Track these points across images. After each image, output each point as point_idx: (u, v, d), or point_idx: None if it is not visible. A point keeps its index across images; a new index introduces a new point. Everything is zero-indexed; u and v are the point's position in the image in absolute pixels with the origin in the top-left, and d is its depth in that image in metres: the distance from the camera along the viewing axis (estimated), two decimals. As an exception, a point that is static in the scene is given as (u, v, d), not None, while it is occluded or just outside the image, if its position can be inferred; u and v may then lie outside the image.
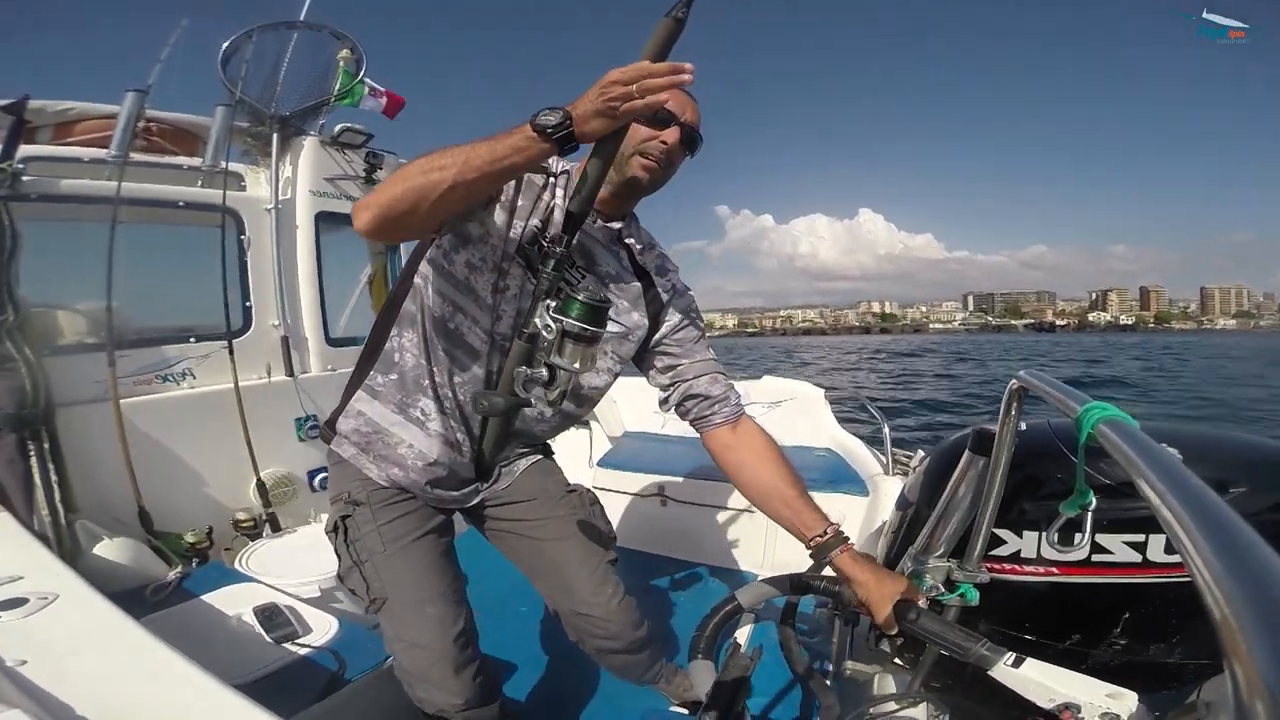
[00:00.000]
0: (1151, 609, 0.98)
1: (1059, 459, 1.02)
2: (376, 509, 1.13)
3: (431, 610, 1.10)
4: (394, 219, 0.90)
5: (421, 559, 1.14)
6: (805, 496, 1.18)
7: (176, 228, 2.47)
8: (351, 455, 1.16)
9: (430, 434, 1.12)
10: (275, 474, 2.38)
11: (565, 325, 0.88)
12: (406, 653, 1.10)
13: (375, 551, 1.12)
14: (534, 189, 1.08)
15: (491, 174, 0.87)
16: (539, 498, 1.28)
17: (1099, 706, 0.82)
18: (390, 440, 1.13)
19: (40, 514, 1.68)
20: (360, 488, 1.15)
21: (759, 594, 1.56)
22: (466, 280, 1.07)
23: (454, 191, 0.86)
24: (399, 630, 1.11)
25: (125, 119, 2.11)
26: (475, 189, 0.89)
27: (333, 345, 2.77)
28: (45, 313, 2.09)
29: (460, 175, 0.85)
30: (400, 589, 1.11)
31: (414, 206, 0.88)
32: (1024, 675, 0.88)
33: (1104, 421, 0.59)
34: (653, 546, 2.53)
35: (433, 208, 0.88)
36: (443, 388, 1.11)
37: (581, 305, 0.89)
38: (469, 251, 1.06)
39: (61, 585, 0.97)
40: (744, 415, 1.27)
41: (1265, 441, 1.11)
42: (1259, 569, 0.32)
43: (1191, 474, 0.43)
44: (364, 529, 1.13)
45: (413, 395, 1.11)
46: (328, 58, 2.63)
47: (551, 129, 0.82)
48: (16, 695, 0.67)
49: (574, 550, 1.28)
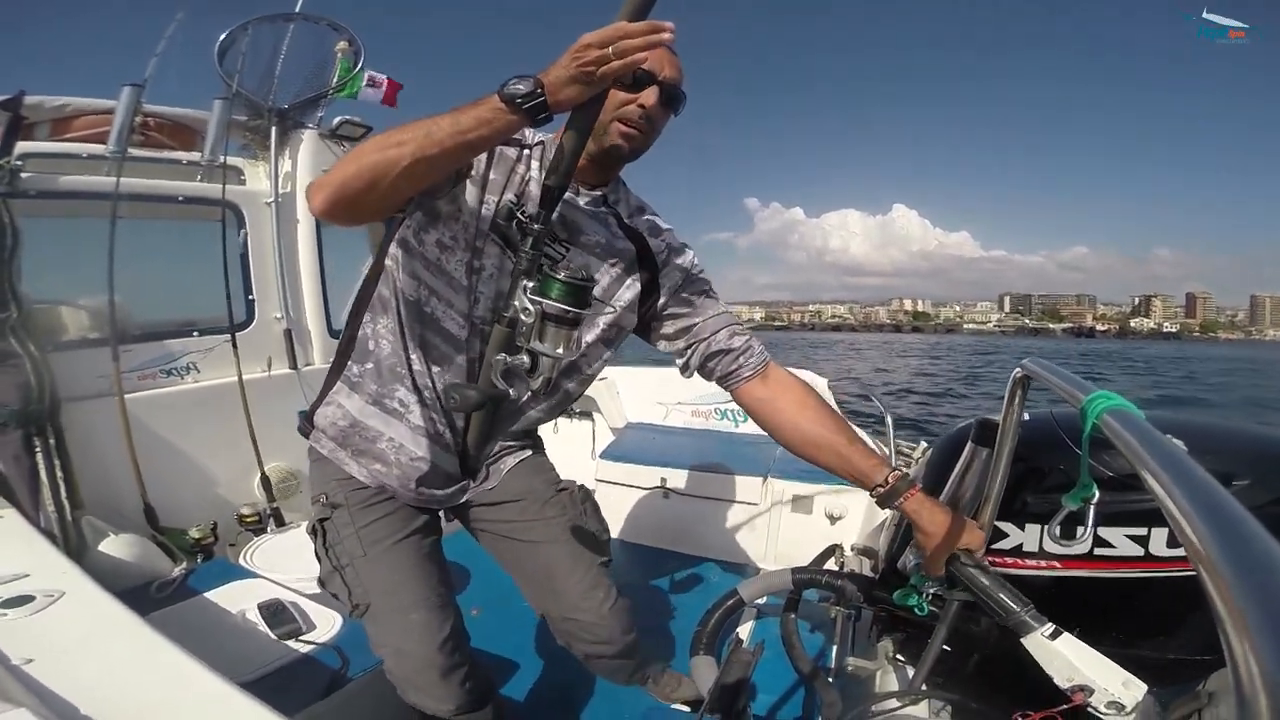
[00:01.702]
0: (1154, 603, 0.98)
1: (1062, 450, 1.02)
2: (355, 511, 1.08)
3: (415, 616, 1.06)
4: (350, 198, 0.83)
5: (404, 562, 1.09)
6: (857, 442, 1.11)
7: (177, 222, 2.47)
8: (330, 451, 1.10)
9: (411, 427, 1.06)
10: (279, 468, 2.39)
11: (545, 307, 0.83)
12: (393, 659, 1.08)
13: (355, 556, 1.07)
14: (507, 162, 1.00)
15: (455, 148, 0.80)
16: (526, 498, 1.21)
17: (1110, 693, 0.82)
18: (368, 434, 1.07)
19: (46, 510, 1.69)
20: (338, 488, 1.09)
21: (761, 588, 1.56)
22: (438, 261, 1.00)
23: (415, 168, 0.80)
24: (383, 637, 1.08)
25: (122, 114, 2.10)
26: (438, 165, 0.82)
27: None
28: (48, 309, 2.09)
29: (421, 150, 0.79)
30: (383, 595, 1.06)
31: (371, 184, 0.81)
32: (1055, 648, 0.88)
33: (1109, 411, 0.59)
34: (654, 539, 2.54)
35: (392, 185, 0.81)
36: (421, 376, 1.04)
37: (562, 285, 0.83)
38: (439, 230, 0.99)
39: (68, 582, 0.98)
40: (772, 363, 1.17)
41: (1271, 433, 1.10)
42: (1263, 562, 0.32)
43: (1197, 465, 0.42)
44: (343, 532, 1.08)
45: (389, 385, 1.05)
46: (325, 50, 2.61)
47: (521, 99, 0.76)
48: (23, 694, 0.68)
49: (562, 554, 1.21)
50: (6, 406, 1.70)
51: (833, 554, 1.87)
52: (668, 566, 2.38)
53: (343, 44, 2.61)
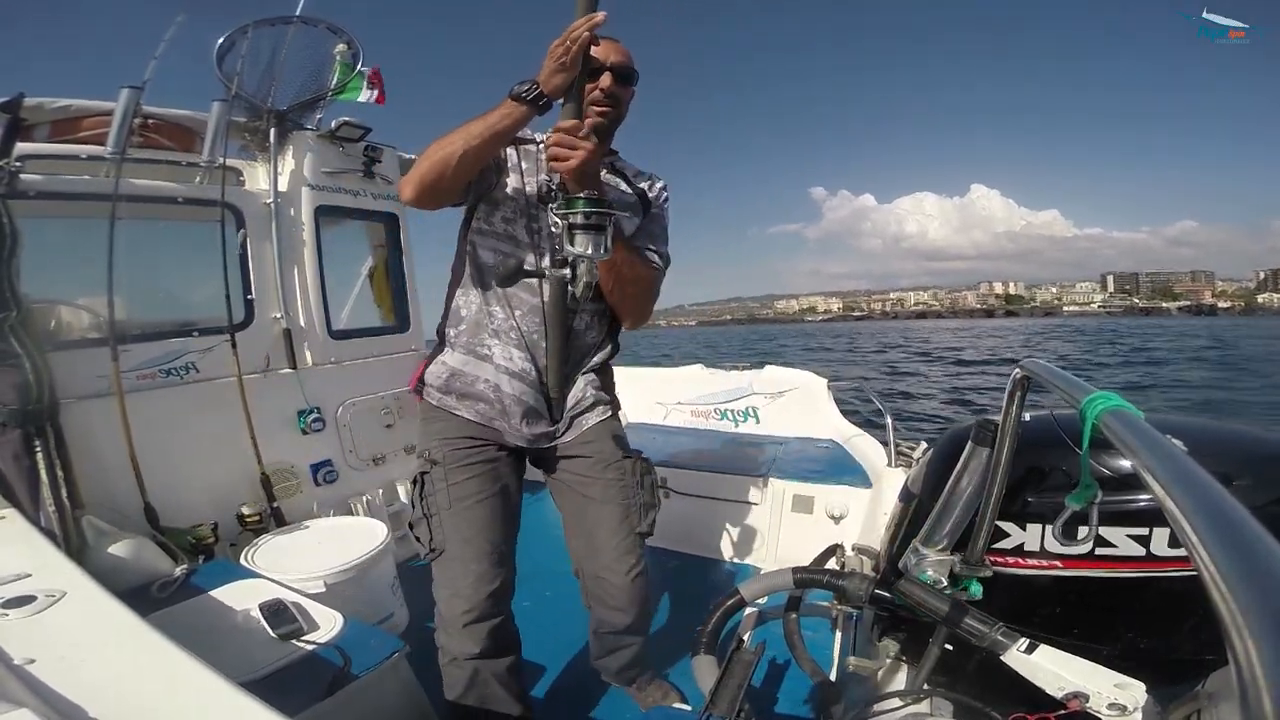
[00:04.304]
0: (1155, 603, 0.98)
1: (1062, 450, 1.02)
2: (450, 469, 1.29)
3: (475, 567, 1.25)
4: (429, 186, 1.17)
5: (480, 520, 1.28)
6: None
7: (176, 223, 2.47)
8: (438, 400, 1.35)
9: (496, 366, 1.30)
10: (278, 468, 2.39)
11: (570, 220, 1.03)
12: (446, 599, 1.27)
13: (443, 508, 1.28)
14: (532, 154, 1.33)
15: (489, 138, 1.11)
16: (595, 457, 1.40)
17: (1107, 696, 0.83)
18: (466, 379, 1.32)
19: (47, 510, 1.69)
20: (440, 447, 1.31)
21: (762, 587, 1.56)
22: (507, 231, 1.29)
23: (466, 158, 1.12)
24: (446, 579, 1.27)
25: (121, 115, 2.10)
26: (481, 153, 1.14)
27: (335, 338, 2.77)
28: (47, 308, 2.09)
29: (466, 144, 1.11)
30: (456, 545, 1.26)
31: (440, 174, 1.14)
32: (1036, 662, 0.89)
33: (1108, 412, 0.59)
34: (655, 539, 2.52)
35: (454, 173, 1.14)
36: (505, 322, 1.30)
37: (583, 200, 1.03)
38: (502, 211, 1.29)
39: (69, 583, 0.97)
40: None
41: (1269, 434, 1.10)
42: (1264, 562, 0.32)
43: (1197, 466, 0.42)
44: (437, 486, 1.29)
45: (478, 336, 1.32)
46: (324, 52, 2.62)
47: (525, 93, 1.08)
48: (25, 694, 0.67)
49: (610, 516, 1.38)
50: (6, 406, 1.70)
51: (833, 554, 1.88)
52: (668, 566, 2.38)
53: (341, 46, 2.61)
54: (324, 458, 2.57)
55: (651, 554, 2.48)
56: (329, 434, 2.61)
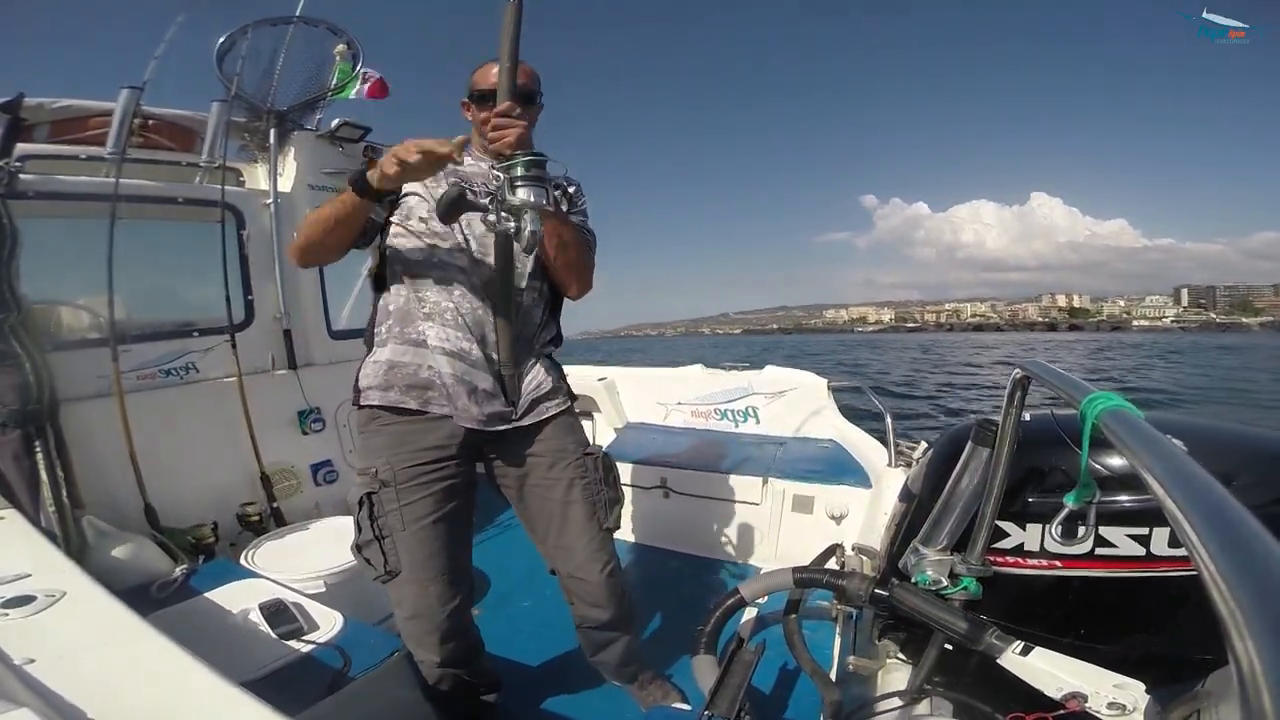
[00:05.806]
0: (1155, 603, 0.98)
1: (1062, 450, 1.02)
2: (402, 489, 1.24)
3: (435, 588, 1.24)
4: (312, 254, 1.25)
5: (437, 539, 1.25)
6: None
7: (176, 223, 2.47)
8: (380, 399, 1.27)
9: (433, 349, 1.26)
10: (278, 468, 2.39)
11: (511, 173, 1.02)
12: (406, 620, 1.27)
13: (396, 530, 1.24)
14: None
15: (335, 225, 1.17)
16: (555, 455, 1.37)
17: (1106, 696, 0.83)
18: (406, 369, 1.27)
19: (47, 510, 1.69)
20: (388, 466, 1.25)
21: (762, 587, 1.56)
22: (426, 224, 1.26)
23: (329, 239, 1.20)
24: (404, 600, 1.26)
25: (121, 116, 2.10)
26: (341, 234, 1.19)
27: (335, 338, 2.77)
28: (47, 309, 2.09)
29: (325, 231, 1.18)
30: (411, 566, 1.24)
31: (320, 245, 1.22)
32: (1031, 664, 0.88)
33: (1108, 412, 0.59)
34: (655, 539, 2.54)
35: (326, 246, 1.22)
36: (437, 305, 1.26)
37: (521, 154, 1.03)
38: (418, 211, 1.27)
39: (69, 583, 0.98)
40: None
41: (1268, 434, 1.10)
42: (1264, 562, 0.32)
43: (1197, 465, 0.42)
44: (388, 507, 1.24)
45: (410, 324, 1.28)
46: (324, 52, 2.62)
47: (355, 182, 1.11)
48: (24, 694, 0.67)
49: (578, 515, 1.36)
50: (6, 407, 1.70)
51: (833, 553, 1.87)
52: (668, 566, 2.38)
53: (341, 46, 2.61)
54: (324, 458, 2.57)
55: (651, 554, 2.50)
56: (329, 434, 2.61)
